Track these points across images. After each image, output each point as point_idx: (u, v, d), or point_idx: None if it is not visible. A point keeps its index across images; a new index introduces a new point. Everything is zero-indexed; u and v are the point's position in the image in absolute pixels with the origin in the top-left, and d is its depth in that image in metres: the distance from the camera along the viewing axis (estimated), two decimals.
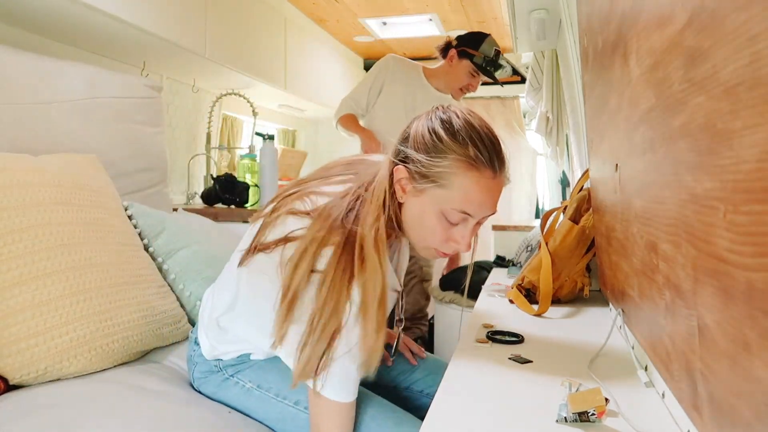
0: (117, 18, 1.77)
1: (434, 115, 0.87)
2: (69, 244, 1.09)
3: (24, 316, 0.99)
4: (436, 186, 0.83)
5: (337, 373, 0.81)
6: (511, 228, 2.58)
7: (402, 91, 2.19)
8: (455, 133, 0.83)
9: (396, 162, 0.87)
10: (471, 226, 0.87)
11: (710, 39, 0.45)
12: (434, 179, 0.83)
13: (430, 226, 0.86)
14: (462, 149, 0.82)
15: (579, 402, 0.68)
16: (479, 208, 0.85)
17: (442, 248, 0.89)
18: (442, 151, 0.83)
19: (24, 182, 1.08)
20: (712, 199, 0.47)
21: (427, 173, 0.83)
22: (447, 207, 0.84)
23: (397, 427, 0.92)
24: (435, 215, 0.85)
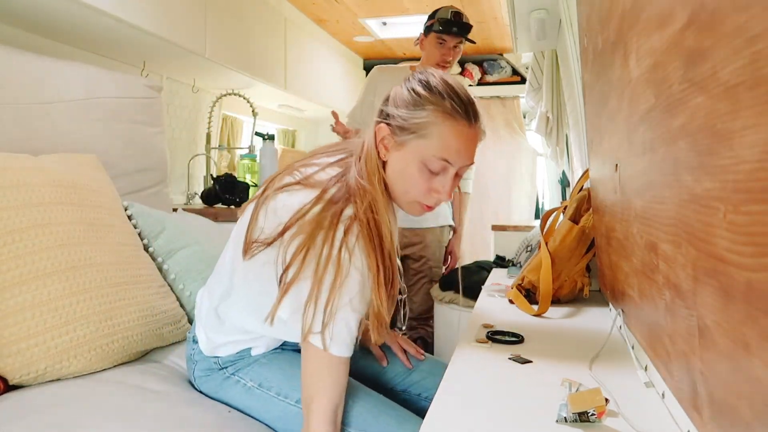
0: (117, 18, 1.77)
1: (412, 77, 0.93)
2: (69, 244, 1.09)
3: (24, 316, 0.99)
4: (416, 137, 0.88)
5: (339, 325, 0.84)
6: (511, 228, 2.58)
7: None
8: (432, 89, 0.89)
9: (379, 121, 0.92)
10: (451, 175, 0.91)
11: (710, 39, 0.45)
12: (414, 130, 0.88)
13: (413, 178, 0.90)
14: (439, 101, 0.88)
15: (579, 402, 0.68)
16: (457, 156, 0.89)
17: (425, 200, 0.93)
18: (421, 104, 0.88)
19: (24, 182, 1.08)
20: (712, 199, 0.47)
21: (407, 126, 0.89)
22: (427, 155, 0.88)
23: (399, 426, 0.93)
24: (416, 166, 0.90)
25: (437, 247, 2.25)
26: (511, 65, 4.15)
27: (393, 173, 0.92)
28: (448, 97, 0.88)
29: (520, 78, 4.09)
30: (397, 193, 0.94)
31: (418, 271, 2.24)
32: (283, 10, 3.07)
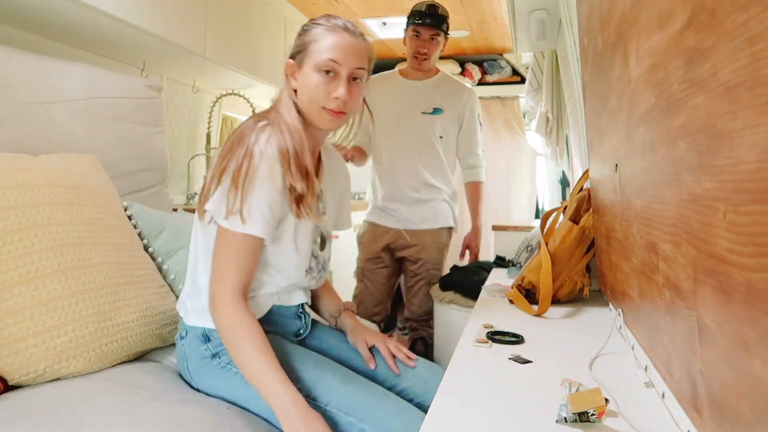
0: (117, 18, 1.77)
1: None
2: (68, 244, 1.09)
3: (23, 317, 0.99)
4: (307, 51, 1.05)
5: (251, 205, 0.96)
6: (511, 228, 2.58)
7: (384, 100, 2.24)
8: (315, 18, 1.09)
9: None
10: (344, 77, 1.04)
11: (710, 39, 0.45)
12: (305, 46, 1.06)
13: (312, 84, 1.04)
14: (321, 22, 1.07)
15: (579, 402, 0.68)
16: (343, 56, 1.04)
17: (327, 104, 1.04)
18: (308, 29, 1.07)
19: (24, 182, 1.08)
20: (712, 199, 0.47)
21: (300, 47, 1.07)
22: (318, 60, 1.03)
23: (397, 417, 0.94)
24: (313, 72, 1.04)
25: (435, 250, 2.24)
26: (511, 65, 4.15)
27: (300, 92, 1.07)
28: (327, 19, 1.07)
29: (520, 78, 4.09)
30: (306, 108, 1.06)
31: (416, 273, 2.24)
32: (283, 10, 3.07)
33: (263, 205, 0.98)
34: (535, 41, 2.33)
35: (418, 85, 2.23)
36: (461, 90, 2.23)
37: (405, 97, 2.22)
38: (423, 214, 2.20)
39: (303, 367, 1.02)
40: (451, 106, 2.19)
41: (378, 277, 2.25)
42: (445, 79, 2.26)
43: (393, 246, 2.23)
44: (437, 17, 2.11)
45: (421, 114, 2.19)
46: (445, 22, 2.14)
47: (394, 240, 2.22)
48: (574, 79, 1.91)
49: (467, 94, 2.23)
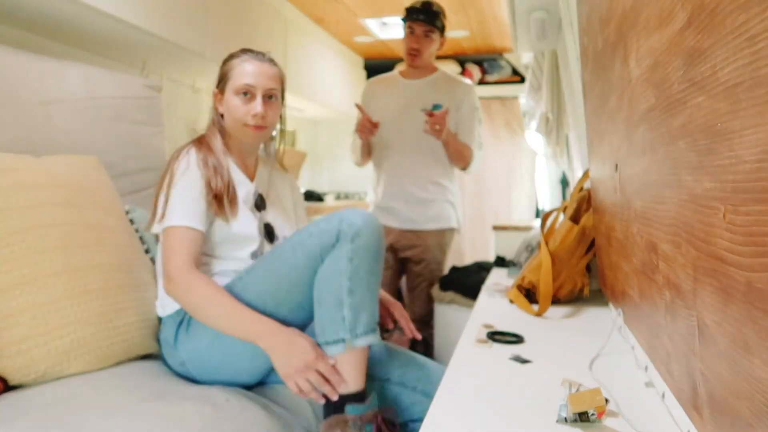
0: (117, 18, 1.77)
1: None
2: (71, 245, 1.09)
3: (25, 317, 0.99)
4: (227, 79, 1.24)
5: (174, 204, 1.12)
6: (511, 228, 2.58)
7: (385, 101, 2.25)
8: (245, 51, 1.27)
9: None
10: (260, 98, 1.22)
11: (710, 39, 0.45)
12: (225, 76, 1.24)
13: (234, 107, 1.22)
14: (237, 55, 1.26)
15: (579, 402, 0.68)
16: (254, 79, 1.22)
17: (249, 120, 1.22)
18: (227, 61, 1.26)
19: (27, 183, 1.08)
20: (712, 199, 0.47)
21: (222, 77, 1.25)
22: (236, 84, 1.22)
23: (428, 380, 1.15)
24: (234, 96, 1.22)
25: (438, 250, 2.24)
26: (511, 65, 4.15)
27: (226, 116, 1.24)
28: (243, 52, 1.26)
29: (520, 78, 4.09)
30: (231, 128, 1.24)
31: (419, 273, 2.24)
32: (283, 10, 3.07)
33: (185, 197, 1.13)
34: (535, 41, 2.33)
35: (417, 83, 2.23)
36: (458, 84, 2.24)
37: (405, 97, 2.22)
38: (427, 215, 2.20)
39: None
40: (449, 101, 2.19)
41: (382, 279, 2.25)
42: (443, 76, 2.27)
43: (397, 246, 2.23)
44: (430, 13, 2.11)
45: (420, 111, 2.19)
46: (439, 19, 2.13)
47: (397, 240, 2.22)
48: (574, 79, 1.91)
49: (464, 88, 2.23)
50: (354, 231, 1.02)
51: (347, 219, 1.04)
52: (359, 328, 1.01)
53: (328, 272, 1.03)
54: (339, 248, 1.02)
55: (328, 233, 1.04)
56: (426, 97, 2.19)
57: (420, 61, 2.17)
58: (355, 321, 1.01)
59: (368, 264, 1.03)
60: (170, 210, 1.12)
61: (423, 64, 2.21)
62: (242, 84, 1.21)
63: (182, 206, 1.12)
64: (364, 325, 1.02)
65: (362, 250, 1.02)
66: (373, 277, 1.05)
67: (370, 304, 1.04)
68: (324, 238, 1.04)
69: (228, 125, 1.25)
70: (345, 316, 1.01)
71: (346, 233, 1.02)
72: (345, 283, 1.01)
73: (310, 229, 1.07)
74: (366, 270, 1.03)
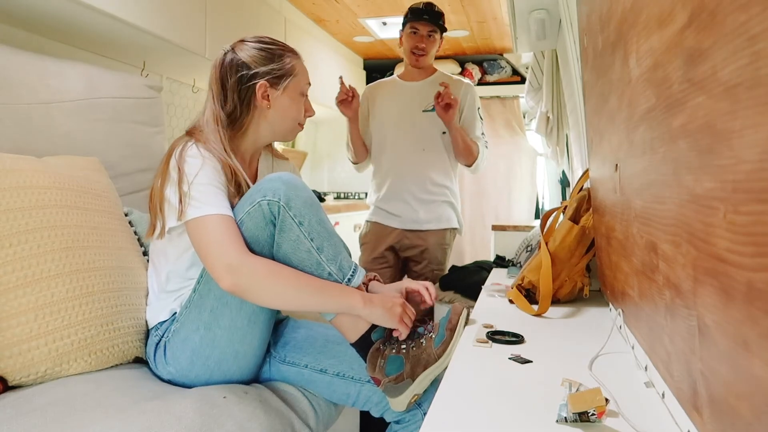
0: (117, 18, 1.77)
1: (243, 45, 1.21)
2: (73, 247, 1.09)
3: (27, 318, 0.99)
4: (292, 77, 1.22)
5: (198, 193, 1.05)
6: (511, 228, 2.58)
7: (385, 104, 2.26)
8: (276, 43, 1.23)
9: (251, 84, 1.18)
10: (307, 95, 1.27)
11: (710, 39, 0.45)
12: (289, 73, 1.22)
13: (298, 108, 1.25)
14: (289, 49, 1.24)
15: (579, 402, 0.68)
16: (308, 79, 1.28)
17: (302, 119, 1.27)
18: (281, 55, 1.21)
19: (32, 184, 1.08)
20: (712, 199, 0.47)
21: (283, 73, 1.21)
22: (303, 85, 1.25)
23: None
24: (298, 97, 1.24)
25: (439, 250, 2.24)
26: (511, 65, 4.15)
27: (277, 115, 1.22)
28: (290, 49, 1.25)
29: (520, 78, 4.09)
30: (279, 129, 1.24)
31: (420, 273, 2.24)
32: (283, 10, 3.07)
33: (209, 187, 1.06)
34: (535, 41, 2.33)
35: (416, 85, 2.24)
36: (458, 83, 2.24)
37: (405, 99, 2.23)
38: (428, 215, 2.20)
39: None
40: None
41: (382, 277, 2.25)
42: (442, 77, 2.27)
43: (397, 246, 2.24)
44: (434, 14, 2.14)
45: (422, 112, 2.19)
46: (442, 19, 2.16)
47: (398, 240, 2.22)
48: (574, 79, 1.91)
49: (465, 86, 2.23)
50: (284, 196, 1.02)
51: (269, 188, 1.03)
52: (347, 272, 1.06)
53: (289, 244, 1.03)
54: (282, 220, 1.02)
55: (260, 211, 1.02)
56: (426, 98, 2.19)
57: (424, 60, 2.19)
58: (340, 269, 1.06)
59: (314, 214, 1.05)
60: (196, 200, 1.04)
61: (426, 65, 2.21)
62: (307, 85, 1.26)
63: (208, 195, 1.05)
64: (348, 267, 1.07)
65: (302, 208, 1.03)
66: (324, 220, 1.07)
67: (338, 244, 1.07)
68: (259, 219, 1.03)
69: (273, 121, 1.22)
70: (330, 271, 1.04)
71: (277, 202, 1.02)
72: (311, 246, 1.03)
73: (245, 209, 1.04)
74: (317, 221, 1.05)
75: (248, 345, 1.09)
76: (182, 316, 1.09)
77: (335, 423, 1.27)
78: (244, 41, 1.21)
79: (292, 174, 1.07)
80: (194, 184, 1.05)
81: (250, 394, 1.05)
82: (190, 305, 1.08)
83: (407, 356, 1.04)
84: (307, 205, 1.04)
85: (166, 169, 1.08)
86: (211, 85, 1.19)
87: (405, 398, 1.03)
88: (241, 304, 1.06)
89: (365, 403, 1.15)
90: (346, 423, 1.51)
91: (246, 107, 1.18)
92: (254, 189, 1.06)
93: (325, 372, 1.15)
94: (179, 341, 1.08)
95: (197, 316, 1.07)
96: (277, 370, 1.18)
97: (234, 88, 1.17)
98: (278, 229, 1.03)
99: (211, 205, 1.04)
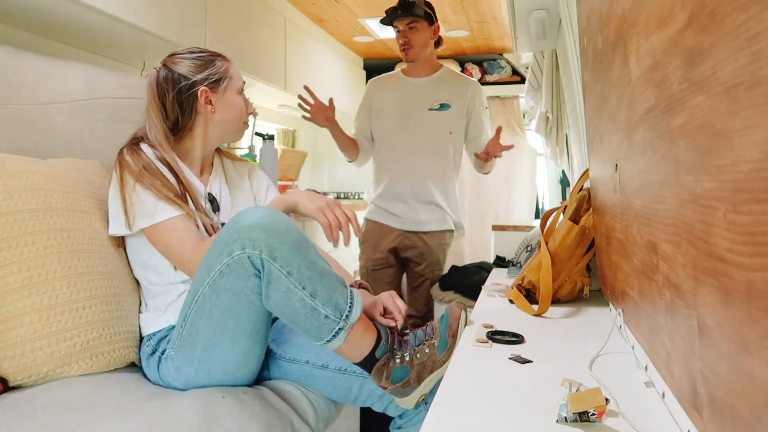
0: (117, 18, 1.77)
1: (174, 59, 1.27)
2: (78, 250, 1.09)
3: (31, 319, 1.00)
4: (226, 79, 1.26)
5: (138, 204, 1.11)
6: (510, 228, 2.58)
7: (389, 101, 2.25)
8: (206, 51, 1.28)
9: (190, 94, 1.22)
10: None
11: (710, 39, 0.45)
12: (225, 75, 1.26)
13: (240, 106, 1.29)
14: (218, 54, 1.29)
15: (579, 402, 0.68)
16: (242, 78, 1.31)
17: (246, 118, 1.32)
18: (212, 61, 1.26)
19: (39, 186, 1.09)
20: (712, 199, 0.47)
21: (219, 76, 1.25)
22: (239, 84, 1.29)
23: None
24: (237, 96, 1.29)
25: (440, 251, 2.24)
26: (511, 65, 4.14)
27: (223, 117, 1.26)
28: (214, 53, 1.28)
29: (520, 78, 4.09)
30: (227, 129, 1.29)
31: (421, 274, 2.24)
32: (283, 10, 3.07)
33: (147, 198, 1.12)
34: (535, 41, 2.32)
35: (422, 81, 2.22)
36: (467, 84, 2.22)
37: (410, 95, 2.21)
38: (429, 216, 2.19)
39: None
40: (458, 101, 2.18)
41: (383, 277, 2.25)
42: (448, 74, 2.25)
43: (398, 247, 2.24)
44: (407, 6, 2.09)
45: (428, 111, 2.18)
46: (417, 6, 2.09)
47: (399, 241, 2.22)
48: (574, 78, 1.91)
49: (473, 87, 2.22)
50: (267, 247, 0.95)
51: (247, 239, 0.96)
52: (344, 309, 1.00)
53: (279, 295, 0.97)
54: (269, 273, 0.96)
55: (240, 264, 0.96)
56: (431, 96, 2.18)
57: (414, 53, 2.14)
58: (336, 308, 0.99)
59: (302, 258, 0.98)
60: (142, 207, 1.11)
61: (418, 56, 2.17)
62: (243, 83, 1.30)
63: (147, 204, 1.11)
64: (345, 302, 1.00)
65: (289, 255, 0.96)
66: (314, 260, 1.00)
67: (332, 281, 1.00)
68: (240, 272, 0.97)
69: (220, 123, 1.26)
70: (327, 314, 0.98)
71: (259, 255, 0.95)
72: (303, 294, 0.97)
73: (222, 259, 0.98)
74: (306, 265, 0.97)
75: (245, 371, 1.08)
76: (173, 348, 1.07)
77: (335, 422, 1.27)
78: (175, 55, 1.27)
79: (269, 213, 1.00)
80: (138, 190, 1.12)
81: (249, 393, 1.05)
82: (180, 341, 1.05)
83: (412, 365, 1.04)
84: (294, 249, 0.97)
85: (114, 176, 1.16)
86: (149, 104, 1.24)
87: (413, 398, 1.04)
88: (234, 341, 1.02)
89: (367, 397, 1.14)
90: (346, 422, 1.51)
91: (189, 115, 1.23)
92: (229, 234, 0.98)
93: (326, 367, 1.15)
94: (173, 369, 1.07)
95: (189, 351, 1.04)
96: (278, 368, 1.18)
97: (174, 100, 1.21)
98: (265, 281, 0.97)
99: (152, 214, 1.11)
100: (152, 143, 1.20)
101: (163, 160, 1.18)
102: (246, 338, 1.03)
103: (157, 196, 1.12)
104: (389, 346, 1.07)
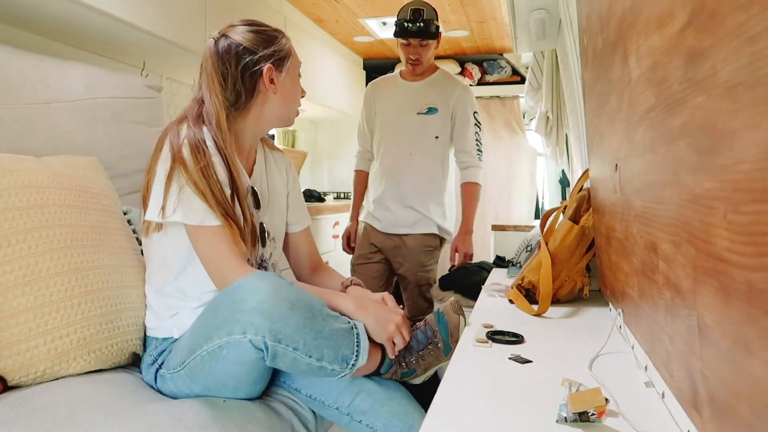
0: (117, 18, 1.77)
1: (235, 30, 1.18)
2: (72, 246, 1.09)
3: (26, 317, 0.99)
4: (288, 58, 1.18)
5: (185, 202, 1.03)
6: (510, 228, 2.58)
7: (385, 103, 2.26)
8: (267, 25, 1.20)
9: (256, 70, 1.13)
10: None
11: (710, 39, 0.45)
12: (288, 55, 1.18)
13: (297, 90, 1.22)
14: (279, 31, 1.20)
15: (579, 402, 0.68)
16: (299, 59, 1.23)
17: (300, 103, 1.25)
18: (276, 37, 1.18)
19: (30, 184, 1.08)
20: (712, 199, 0.47)
21: (284, 54, 1.17)
22: (298, 66, 1.22)
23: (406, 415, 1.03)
24: (297, 78, 1.22)
25: (421, 252, 2.21)
26: (511, 65, 4.14)
27: (282, 98, 1.18)
28: (274, 28, 1.21)
29: (520, 78, 4.09)
30: (283, 113, 1.20)
31: (404, 276, 2.24)
32: (283, 10, 3.07)
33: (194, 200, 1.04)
34: (535, 41, 2.33)
35: (414, 85, 2.23)
36: (454, 86, 2.21)
37: (402, 99, 2.22)
38: (406, 219, 2.19)
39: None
40: (444, 104, 2.18)
41: (368, 272, 2.25)
42: (440, 77, 2.25)
43: (382, 247, 2.25)
44: (423, 27, 2.07)
45: (416, 115, 2.18)
46: (433, 24, 2.09)
47: (382, 242, 2.24)
48: (574, 78, 1.91)
49: (460, 90, 2.20)
50: (270, 332, 0.89)
51: (248, 323, 0.90)
52: (350, 359, 0.96)
53: (287, 365, 0.94)
54: (274, 352, 0.91)
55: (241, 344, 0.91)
56: (421, 100, 2.19)
57: (422, 68, 2.18)
58: (343, 360, 0.95)
59: (309, 330, 0.92)
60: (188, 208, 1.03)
61: (425, 69, 2.21)
62: (300, 65, 1.22)
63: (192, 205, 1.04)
64: (351, 352, 0.96)
65: (295, 333, 0.90)
66: (320, 328, 0.94)
67: (338, 339, 0.95)
68: (242, 349, 0.91)
69: (278, 105, 1.17)
70: (334, 368, 0.95)
71: (262, 340, 0.89)
72: (310, 360, 0.93)
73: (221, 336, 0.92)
74: (312, 336, 0.92)
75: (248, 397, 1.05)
76: (170, 371, 1.04)
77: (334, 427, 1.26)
78: (234, 26, 1.17)
79: (271, 293, 0.91)
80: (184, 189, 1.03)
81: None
82: (179, 375, 1.02)
83: (419, 365, 1.09)
84: (300, 327, 0.91)
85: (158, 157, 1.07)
86: (208, 76, 1.11)
87: (421, 378, 1.11)
88: (236, 390, 1.00)
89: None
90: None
91: (249, 93, 1.12)
92: (228, 313, 0.92)
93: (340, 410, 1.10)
94: (172, 386, 1.05)
95: (189, 384, 1.01)
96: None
97: (237, 75, 1.10)
98: (270, 357, 0.92)
99: (199, 216, 1.03)
100: (211, 125, 1.08)
101: (222, 151, 1.07)
102: (249, 385, 1.01)
103: (208, 204, 1.04)
104: (394, 359, 1.08)
